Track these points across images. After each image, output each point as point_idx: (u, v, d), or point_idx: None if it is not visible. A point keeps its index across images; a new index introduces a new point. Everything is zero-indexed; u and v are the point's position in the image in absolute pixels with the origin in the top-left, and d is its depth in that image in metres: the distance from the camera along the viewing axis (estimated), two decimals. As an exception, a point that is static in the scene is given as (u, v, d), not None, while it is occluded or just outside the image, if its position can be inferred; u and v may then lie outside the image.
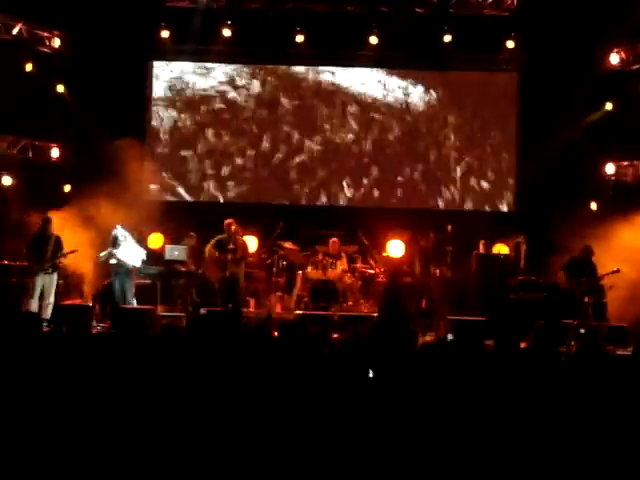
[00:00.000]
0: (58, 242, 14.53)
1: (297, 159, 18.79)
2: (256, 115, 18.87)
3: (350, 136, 18.75)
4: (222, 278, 15.00)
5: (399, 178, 18.70)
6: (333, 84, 18.78)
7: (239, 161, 18.83)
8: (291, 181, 18.83)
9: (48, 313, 14.13)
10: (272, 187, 18.77)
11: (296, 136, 18.80)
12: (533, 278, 15.92)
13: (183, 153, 18.86)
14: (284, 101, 18.85)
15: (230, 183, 18.83)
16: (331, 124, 18.77)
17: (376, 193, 18.72)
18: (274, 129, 18.84)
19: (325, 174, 18.78)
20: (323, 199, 18.77)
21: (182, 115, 18.90)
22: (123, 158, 16.69)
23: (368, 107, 18.77)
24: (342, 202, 18.71)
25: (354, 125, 18.75)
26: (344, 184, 18.71)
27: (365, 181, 18.73)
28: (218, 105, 18.90)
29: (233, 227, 14.99)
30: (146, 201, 18.33)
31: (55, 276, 14.50)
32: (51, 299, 14.36)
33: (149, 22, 17.65)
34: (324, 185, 18.77)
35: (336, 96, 18.79)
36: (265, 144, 18.81)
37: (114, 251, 14.88)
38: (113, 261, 14.93)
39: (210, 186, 18.81)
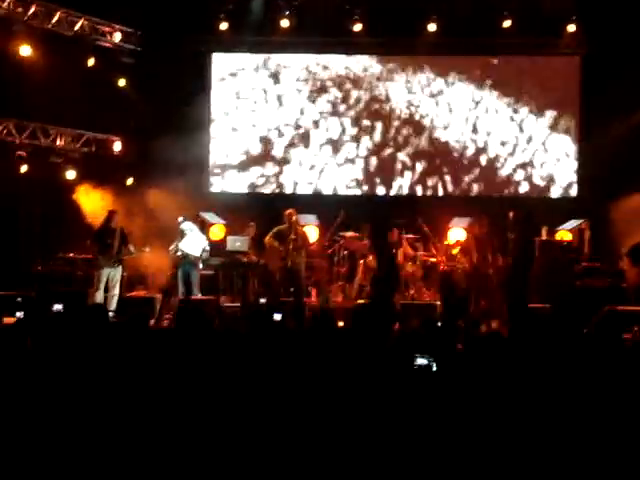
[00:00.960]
0: (123, 235, 14.69)
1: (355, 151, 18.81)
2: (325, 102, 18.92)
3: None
4: (283, 268, 15.03)
5: (462, 165, 18.59)
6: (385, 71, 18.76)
7: (297, 152, 18.87)
8: (351, 172, 18.84)
9: (113, 305, 14.31)
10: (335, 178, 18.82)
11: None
12: (597, 264, 15.72)
13: (243, 144, 18.94)
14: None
15: (289, 174, 18.89)
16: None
17: (437, 181, 18.64)
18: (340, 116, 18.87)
19: (385, 162, 18.76)
20: (382, 188, 18.75)
21: (242, 106, 18.97)
22: (185, 149, 16.86)
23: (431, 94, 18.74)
24: (403, 191, 18.66)
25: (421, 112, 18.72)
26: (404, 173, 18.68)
27: (427, 169, 18.68)
28: (274, 96, 18.98)
29: (293, 217, 14.99)
30: (207, 192, 18.54)
31: (120, 268, 14.67)
32: (116, 291, 14.53)
33: (209, 14, 17.72)
34: (384, 173, 18.76)
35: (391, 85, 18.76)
36: (326, 133, 18.84)
37: (178, 243, 15.06)
38: (178, 253, 15.08)
39: (269, 177, 18.87)
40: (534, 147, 18.50)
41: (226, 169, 18.96)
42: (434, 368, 5.34)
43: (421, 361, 5.38)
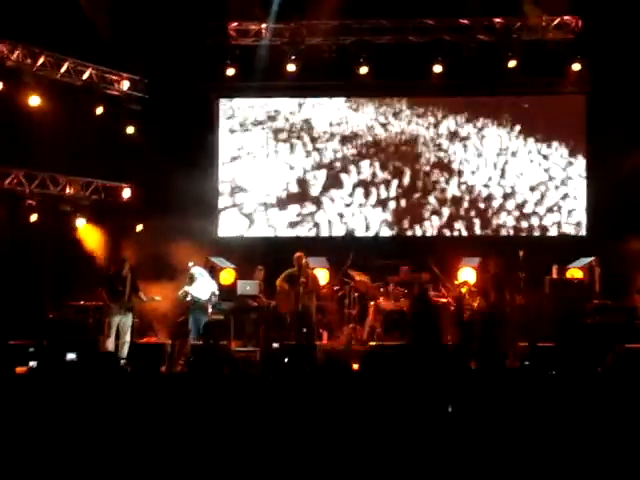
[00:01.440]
0: (134, 282, 14.71)
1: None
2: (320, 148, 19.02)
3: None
4: (294, 311, 15.04)
5: (468, 204, 18.61)
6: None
7: (306, 195, 18.95)
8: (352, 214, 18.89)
9: (124, 352, 14.29)
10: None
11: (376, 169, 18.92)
12: (609, 302, 15.67)
13: (250, 189, 19.00)
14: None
15: (299, 218, 18.93)
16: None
17: (447, 221, 18.67)
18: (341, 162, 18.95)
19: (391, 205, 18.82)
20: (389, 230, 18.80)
21: (249, 151, 19.07)
22: (193, 195, 16.96)
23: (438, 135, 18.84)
24: (413, 232, 18.70)
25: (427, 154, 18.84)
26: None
27: (436, 209, 18.71)
28: (287, 140, 19.09)
29: (303, 260, 15.05)
30: (216, 237, 18.58)
31: (130, 315, 14.68)
32: (127, 338, 14.52)
33: (215, 61, 17.86)
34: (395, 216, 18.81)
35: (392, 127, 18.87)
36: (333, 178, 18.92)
37: (187, 288, 15.08)
38: (188, 298, 15.10)
39: (278, 223, 18.91)
40: (541, 186, 18.53)
41: (234, 213, 19.00)
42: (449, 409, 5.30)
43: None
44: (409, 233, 18.67)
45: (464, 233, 18.59)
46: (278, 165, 19.00)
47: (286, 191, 18.93)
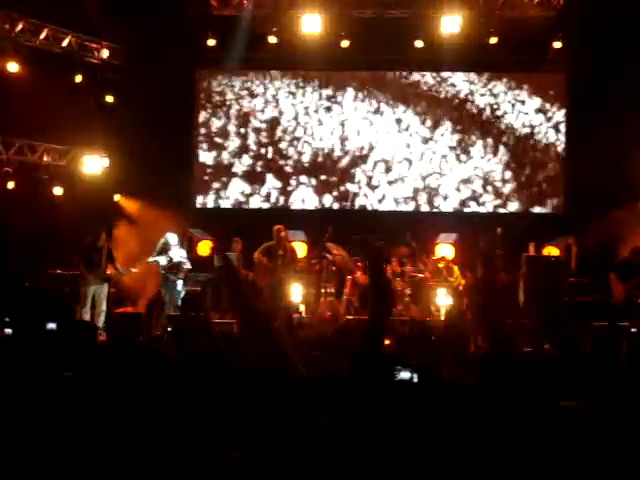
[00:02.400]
0: (110, 253, 14.68)
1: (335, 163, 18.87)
2: (300, 120, 18.98)
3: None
4: (270, 284, 15.07)
5: (446, 180, 18.66)
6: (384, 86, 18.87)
7: (284, 167, 18.91)
8: (334, 185, 18.89)
9: (100, 321, 14.27)
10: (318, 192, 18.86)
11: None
12: (585, 280, 15.76)
13: (229, 160, 18.95)
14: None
15: (277, 189, 18.91)
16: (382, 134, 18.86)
17: (424, 195, 18.70)
18: (328, 133, 18.93)
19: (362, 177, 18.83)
20: (369, 202, 18.80)
21: (228, 123, 19.01)
22: (171, 166, 16.89)
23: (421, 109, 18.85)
24: (389, 206, 18.72)
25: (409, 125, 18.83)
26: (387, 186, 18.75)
27: (411, 183, 18.74)
28: (265, 112, 19.03)
29: (282, 233, 15.04)
30: (193, 208, 18.53)
31: (106, 285, 14.65)
32: (103, 307, 14.50)
33: (196, 31, 17.74)
34: (370, 188, 18.82)
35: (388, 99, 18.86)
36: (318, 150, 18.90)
37: (170, 254, 14.99)
38: (163, 264, 15.01)
39: (256, 192, 18.89)
40: (520, 163, 18.60)
41: (212, 185, 18.96)
42: (415, 380, 5.15)
43: (403, 375, 5.24)
44: (387, 208, 18.69)
45: (443, 209, 18.63)
46: (258, 137, 18.98)
47: (264, 163, 18.91)
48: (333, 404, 4.25)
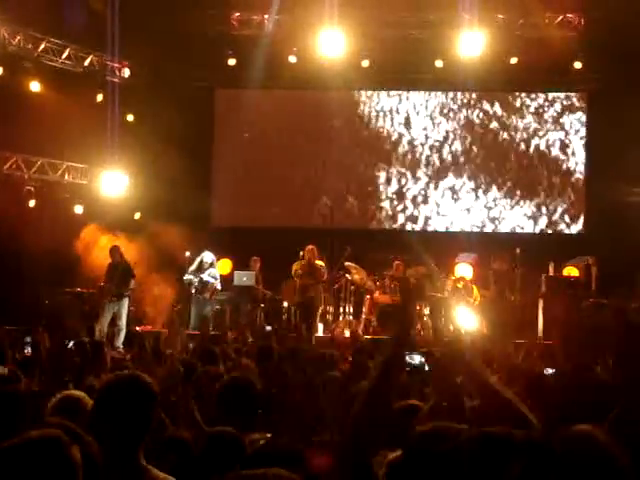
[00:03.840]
0: (127, 270, 14.72)
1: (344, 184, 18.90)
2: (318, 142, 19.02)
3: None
4: (300, 303, 15.20)
5: (466, 200, 18.64)
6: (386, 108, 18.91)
7: (303, 186, 18.95)
8: (353, 206, 18.89)
9: (120, 339, 14.31)
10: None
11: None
12: (604, 301, 15.65)
13: (248, 179, 18.98)
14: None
15: (295, 208, 18.93)
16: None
17: (444, 216, 18.69)
18: (343, 154, 18.95)
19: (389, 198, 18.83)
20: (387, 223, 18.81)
21: (247, 142, 19.05)
22: (190, 184, 16.95)
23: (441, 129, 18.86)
24: (409, 226, 18.71)
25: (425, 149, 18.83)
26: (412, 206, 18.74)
27: (433, 203, 18.73)
28: (284, 133, 19.08)
29: (314, 253, 15.22)
30: (212, 227, 18.58)
31: (125, 302, 14.70)
32: (121, 325, 14.54)
33: (216, 50, 17.83)
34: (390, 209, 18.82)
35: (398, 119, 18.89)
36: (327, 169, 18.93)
37: (202, 275, 15.17)
38: (196, 284, 15.15)
39: (273, 211, 18.91)
40: (541, 183, 18.56)
41: (231, 203, 19.00)
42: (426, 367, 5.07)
43: (416, 359, 5.20)
44: (406, 228, 18.68)
45: (459, 229, 18.61)
46: (276, 156, 19.02)
47: (284, 182, 18.95)
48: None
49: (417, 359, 5.35)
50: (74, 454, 2.64)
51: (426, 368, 5.10)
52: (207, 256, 15.43)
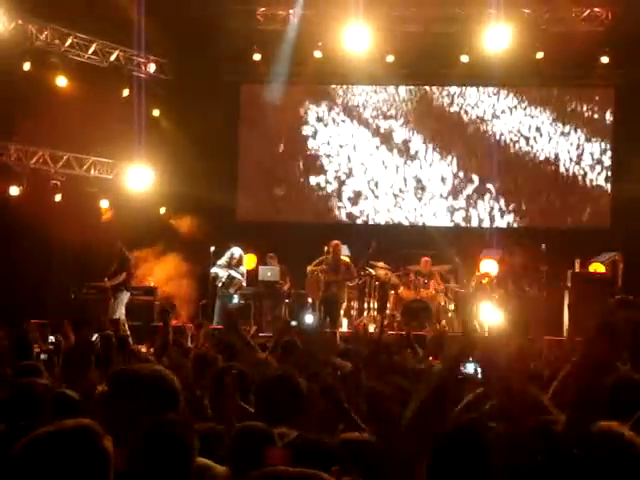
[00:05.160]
0: (120, 264, 14.93)
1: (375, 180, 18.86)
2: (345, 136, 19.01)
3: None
4: (323, 298, 15.18)
5: (492, 195, 18.57)
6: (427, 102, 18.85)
7: (326, 181, 18.94)
8: (378, 202, 18.87)
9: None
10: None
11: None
12: (631, 297, 15.51)
13: (273, 175, 19.02)
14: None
15: (320, 204, 18.94)
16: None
17: (472, 211, 18.63)
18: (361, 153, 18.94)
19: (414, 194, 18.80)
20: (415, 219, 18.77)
21: (273, 137, 19.07)
22: (215, 179, 16.98)
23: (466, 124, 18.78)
24: (435, 222, 18.66)
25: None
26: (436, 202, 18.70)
27: (461, 199, 18.68)
28: (309, 128, 19.07)
29: (339, 248, 15.20)
30: (238, 221, 18.61)
31: (123, 295, 14.98)
32: (117, 315, 14.68)
33: (242, 45, 17.85)
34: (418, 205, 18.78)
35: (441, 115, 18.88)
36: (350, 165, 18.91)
37: (230, 271, 15.23)
38: (224, 279, 15.22)
39: (299, 206, 18.93)
40: (567, 178, 18.45)
41: (254, 198, 19.04)
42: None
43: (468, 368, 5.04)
44: (431, 223, 18.64)
45: (486, 224, 18.55)
46: (299, 151, 19.04)
47: (305, 178, 18.97)
48: None
49: (470, 367, 5.20)
50: (106, 444, 2.66)
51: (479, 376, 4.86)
52: (236, 251, 15.51)
